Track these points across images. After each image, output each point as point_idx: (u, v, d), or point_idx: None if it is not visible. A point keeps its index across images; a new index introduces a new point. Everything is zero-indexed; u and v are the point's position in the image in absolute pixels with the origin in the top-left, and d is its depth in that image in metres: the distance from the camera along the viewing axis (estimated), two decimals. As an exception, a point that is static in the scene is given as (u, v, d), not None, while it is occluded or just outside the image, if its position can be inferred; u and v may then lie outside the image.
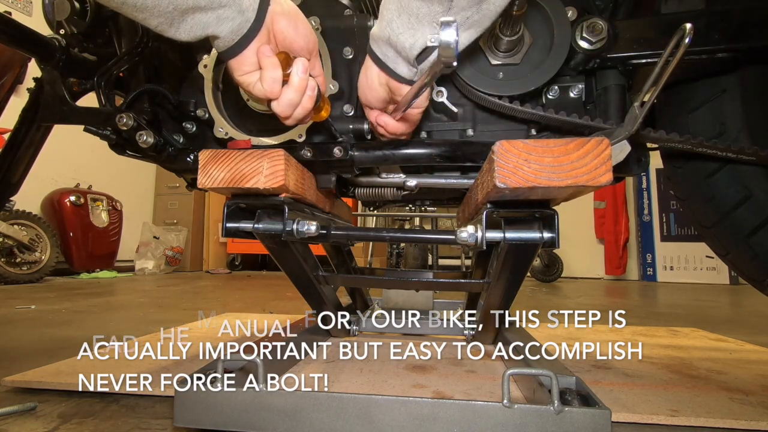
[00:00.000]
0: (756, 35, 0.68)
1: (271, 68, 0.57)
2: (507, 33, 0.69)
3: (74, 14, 0.81)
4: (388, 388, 0.78)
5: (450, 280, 1.28)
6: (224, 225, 0.73)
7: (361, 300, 1.44)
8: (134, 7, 0.50)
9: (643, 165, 0.78)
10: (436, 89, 0.80)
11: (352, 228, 0.91)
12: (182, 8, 0.52)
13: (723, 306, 2.52)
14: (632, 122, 0.63)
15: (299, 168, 0.75)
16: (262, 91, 0.58)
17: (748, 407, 0.73)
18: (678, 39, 0.56)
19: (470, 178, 0.87)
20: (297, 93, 0.59)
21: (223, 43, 0.56)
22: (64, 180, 3.78)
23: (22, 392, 0.78)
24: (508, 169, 0.55)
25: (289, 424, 0.56)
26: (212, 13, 0.53)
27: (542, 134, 0.79)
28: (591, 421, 0.52)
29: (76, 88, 0.89)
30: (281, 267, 0.84)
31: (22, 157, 1.03)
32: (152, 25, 0.53)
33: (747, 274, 0.84)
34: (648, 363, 1.02)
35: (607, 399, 0.73)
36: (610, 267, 4.57)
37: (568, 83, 0.77)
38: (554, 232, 0.62)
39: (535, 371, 0.57)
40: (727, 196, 0.78)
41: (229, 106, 0.82)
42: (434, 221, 2.63)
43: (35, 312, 1.79)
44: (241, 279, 3.91)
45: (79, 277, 3.60)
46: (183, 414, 0.58)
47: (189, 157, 0.84)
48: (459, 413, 0.54)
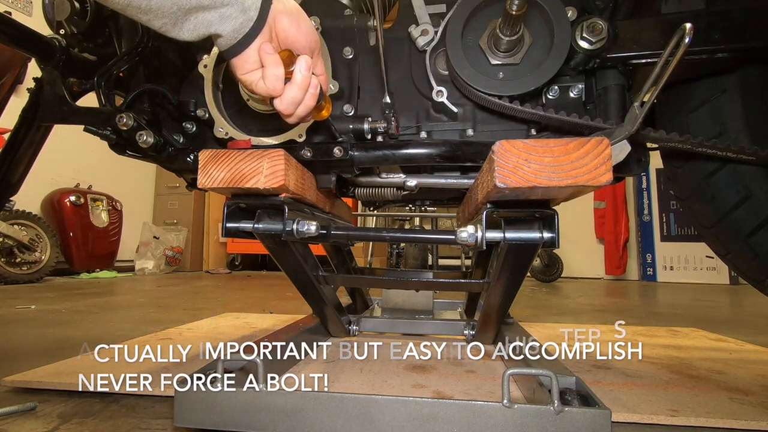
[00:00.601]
0: (756, 35, 0.68)
1: (273, 65, 0.57)
2: (507, 33, 0.69)
3: (74, 14, 0.82)
4: (388, 388, 0.78)
5: (450, 280, 1.28)
6: (224, 225, 0.73)
7: (361, 300, 1.44)
8: (138, 8, 0.51)
9: (643, 165, 0.78)
10: (436, 89, 0.80)
11: (352, 228, 0.91)
12: (186, 8, 0.52)
13: (723, 306, 2.53)
14: (632, 122, 0.63)
15: (299, 168, 0.75)
16: (265, 89, 0.58)
17: (748, 407, 0.72)
18: (678, 39, 0.56)
19: (470, 178, 0.87)
20: (300, 90, 0.59)
21: (225, 42, 0.57)
22: (64, 180, 3.78)
23: (22, 392, 0.78)
24: (508, 169, 0.55)
25: (289, 424, 0.56)
26: (215, 11, 0.54)
27: (542, 134, 0.79)
28: (591, 421, 0.52)
29: (76, 88, 0.88)
30: (281, 267, 0.84)
31: (22, 157, 1.03)
32: (156, 26, 0.53)
33: (747, 274, 0.84)
34: (648, 363, 1.02)
35: (607, 399, 0.73)
36: (610, 267, 4.57)
37: (568, 83, 0.77)
38: (554, 232, 0.62)
39: (535, 371, 0.57)
40: (727, 196, 0.78)
41: (229, 106, 0.82)
42: (434, 221, 2.63)
43: (35, 312, 1.79)
44: (241, 279, 3.91)
45: (79, 277, 3.60)
46: (183, 414, 0.58)
47: (189, 157, 0.84)
48: (459, 413, 0.54)
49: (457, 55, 0.74)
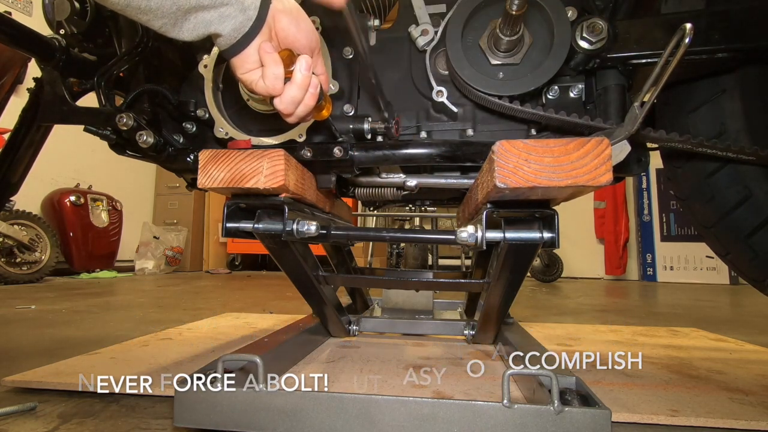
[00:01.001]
0: (756, 35, 0.68)
1: (273, 65, 0.57)
2: (507, 33, 0.69)
3: (74, 14, 0.81)
4: (388, 388, 0.78)
5: (450, 280, 1.28)
6: (224, 225, 0.73)
7: (361, 300, 1.44)
8: (138, 9, 0.51)
9: (643, 165, 0.78)
10: (436, 89, 0.80)
11: (352, 228, 0.91)
12: (185, 8, 0.52)
13: (723, 306, 2.52)
14: (632, 122, 0.63)
15: (299, 168, 0.75)
16: (265, 88, 0.58)
17: (748, 407, 0.72)
18: (678, 39, 0.56)
19: (470, 178, 0.87)
20: (300, 90, 0.59)
21: (225, 41, 0.57)
22: (64, 180, 3.78)
23: (22, 392, 0.78)
24: (508, 169, 0.55)
25: (289, 424, 0.56)
26: (214, 11, 0.54)
27: (542, 134, 0.79)
28: (591, 421, 0.52)
29: (76, 88, 0.89)
30: (281, 267, 0.84)
31: (22, 157, 1.03)
32: (156, 26, 0.53)
33: (747, 274, 0.84)
34: (648, 363, 1.02)
35: (607, 399, 0.73)
36: (610, 267, 4.57)
37: (568, 83, 0.77)
38: (554, 232, 0.62)
39: (535, 371, 0.57)
40: (727, 196, 0.78)
41: (229, 106, 0.82)
42: (434, 221, 2.63)
43: (35, 312, 1.79)
44: (241, 279, 3.91)
45: (79, 277, 3.60)
46: (183, 414, 0.58)
47: (189, 157, 0.84)
48: (459, 413, 0.54)
49: (457, 55, 0.74)
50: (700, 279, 4.30)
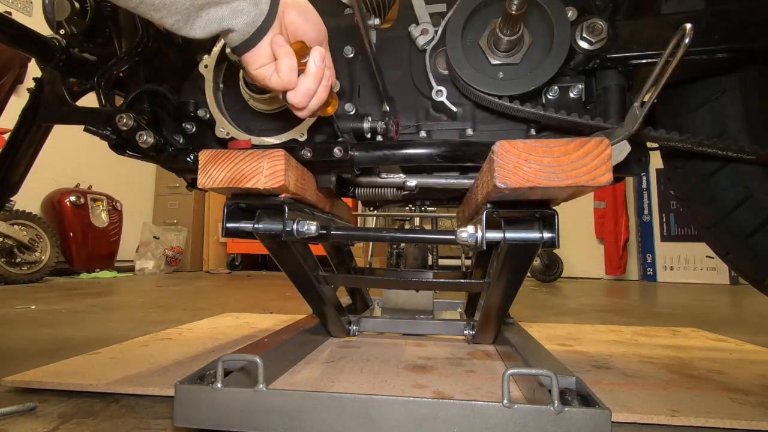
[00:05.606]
0: (756, 35, 0.68)
1: (287, 57, 0.57)
2: (507, 33, 0.69)
3: (74, 14, 0.81)
4: (388, 388, 0.78)
5: (450, 280, 1.27)
6: (224, 225, 0.73)
7: (361, 300, 1.44)
8: (152, 6, 0.50)
9: (643, 165, 0.78)
10: (435, 89, 0.80)
11: (352, 228, 0.91)
12: (199, 3, 0.52)
13: (723, 306, 2.52)
14: (632, 122, 0.63)
15: (299, 168, 0.75)
16: (280, 82, 0.58)
17: (748, 407, 0.72)
18: (678, 39, 0.56)
19: (470, 178, 0.87)
20: (314, 81, 0.59)
21: (237, 37, 0.56)
22: (64, 180, 3.78)
23: (22, 392, 0.78)
24: (508, 169, 0.55)
25: (289, 424, 0.56)
26: (227, 6, 0.53)
27: (542, 134, 0.79)
28: (591, 421, 0.52)
29: (76, 88, 0.89)
30: (281, 267, 0.84)
31: (22, 157, 1.03)
32: (168, 24, 0.53)
33: (747, 274, 0.84)
34: (648, 363, 1.02)
35: (607, 399, 0.73)
36: (610, 267, 4.57)
37: (568, 83, 0.77)
38: (554, 232, 0.62)
39: (535, 371, 0.57)
40: (727, 196, 0.78)
41: (230, 107, 0.82)
42: (434, 221, 2.63)
43: (35, 312, 1.79)
44: (241, 279, 3.91)
45: (79, 277, 3.60)
46: (183, 414, 0.58)
47: (189, 157, 0.84)
48: (459, 413, 0.54)
49: (457, 55, 0.74)
50: (700, 279, 4.30)
